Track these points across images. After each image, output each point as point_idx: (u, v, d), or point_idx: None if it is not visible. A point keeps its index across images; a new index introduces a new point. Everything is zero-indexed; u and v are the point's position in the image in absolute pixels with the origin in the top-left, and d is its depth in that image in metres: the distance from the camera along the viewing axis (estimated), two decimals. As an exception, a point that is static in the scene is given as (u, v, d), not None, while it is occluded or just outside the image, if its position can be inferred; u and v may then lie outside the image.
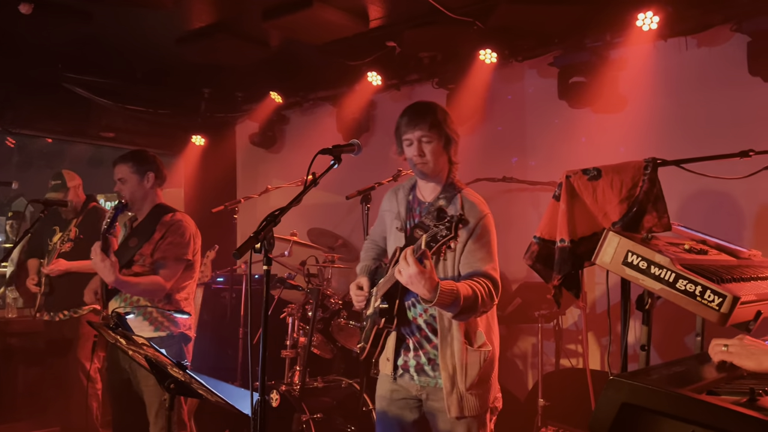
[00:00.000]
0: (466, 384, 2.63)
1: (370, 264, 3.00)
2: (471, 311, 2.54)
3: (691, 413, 1.51)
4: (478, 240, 2.64)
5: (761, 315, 2.01)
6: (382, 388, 2.86)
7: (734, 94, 4.38)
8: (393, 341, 2.78)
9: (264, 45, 5.41)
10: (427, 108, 2.77)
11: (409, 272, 2.35)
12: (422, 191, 2.84)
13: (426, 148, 2.69)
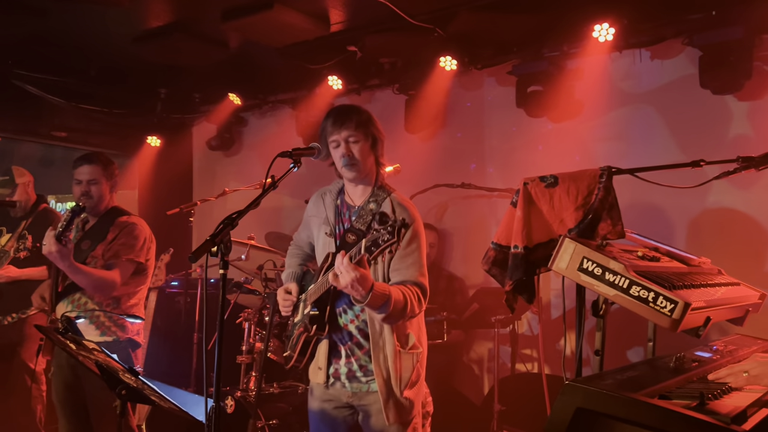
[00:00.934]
0: (401, 388, 2.61)
1: (297, 270, 2.92)
2: (399, 316, 2.53)
3: (644, 417, 1.54)
4: (408, 245, 2.60)
5: (710, 321, 2.06)
6: (315, 397, 2.80)
7: (686, 105, 4.52)
8: (325, 349, 2.72)
9: (223, 46, 5.34)
10: (351, 109, 2.74)
11: (350, 277, 2.30)
12: (351, 195, 2.79)
13: (354, 148, 2.66)
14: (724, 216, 4.35)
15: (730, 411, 1.55)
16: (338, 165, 2.73)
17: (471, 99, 5.54)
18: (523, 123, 5.17)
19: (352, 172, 2.69)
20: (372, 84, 5.65)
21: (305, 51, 5.21)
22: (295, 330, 2.78)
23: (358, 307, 2.65)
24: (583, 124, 4.92)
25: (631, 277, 1.94)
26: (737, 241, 4.27)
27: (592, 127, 4.89)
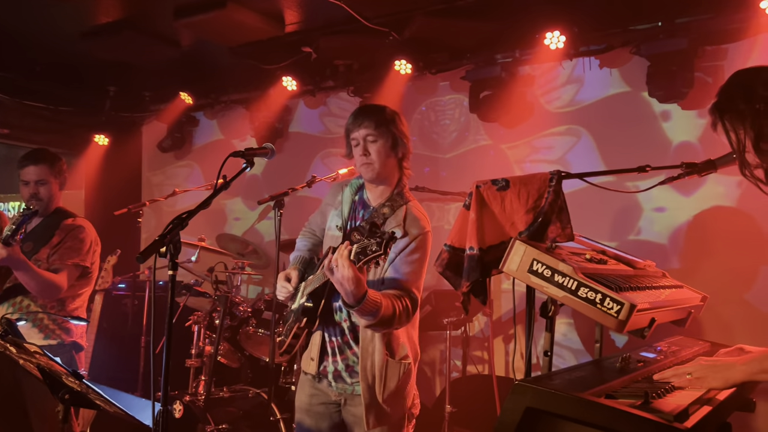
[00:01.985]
0: (384, 395, 2.60)
1: (305, 255, 2.86)
2: (385, 327, 2.51)
3: (591, 416, 1.57)
4: (410, 254, 2.59)
5: (655, 322, 2.11)
6: (303, 391, 2.78)
7: (634, 113, 4.64)
8: (318, 341, 2.71)
9: (174, 44, 5.25)
10: (374, 107, 2.71)
11: (343, 273, 2.28)
12: (370, 194, 2.75)
13: (371, 147, 2.61)
14: (669, 219, 4.49)
15: (673, 409, 1.59)
16: (357, 164, 2.68)
17: (425, 103, 5.58)
18: (475, 127, 5.24)
19: (368, 173, 2.65)
20: (327, 86, 5.64)
21: (259, 51, 5.17)
22: (291, 317, 2.75)
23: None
24: (535, 130, 5.01)
25: (579, 279, 1.98)
26: (680, 244, 4.41)
27: (543, 133, 4.99)
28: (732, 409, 2.05)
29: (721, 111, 1.88)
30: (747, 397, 2.28)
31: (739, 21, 4.05)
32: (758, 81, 1.83)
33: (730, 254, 4.23)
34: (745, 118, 1.81)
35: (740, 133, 1.83)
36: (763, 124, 1.78)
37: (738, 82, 1.89)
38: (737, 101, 1.83)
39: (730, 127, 1.85)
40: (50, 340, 3.42)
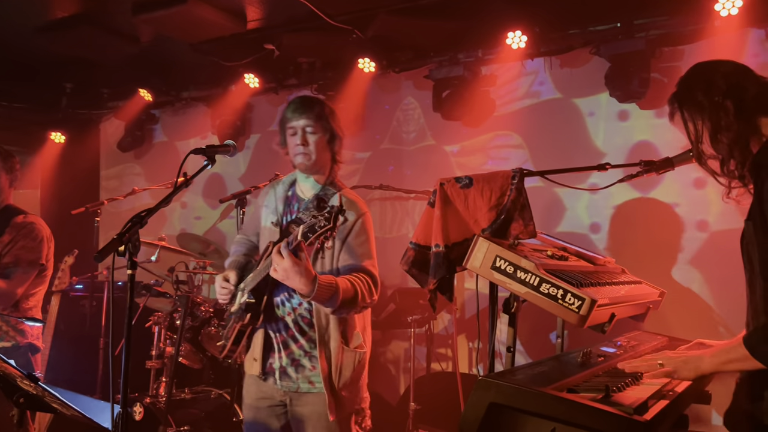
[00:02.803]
0: (339, 384, 2.61)
1: (241, 259, 2.86)
2: (351, 306, 2.52)
3: (553, 410, 1.59)
4: (357, 237, 2.63)
5: (615, 317, 2.15)
6: (249, 394, 2.77)
7: (594, 113, 4.72)
8: (260, 340, 2.70)
9: (133, 40, 5.15)
10: (314, 100, 2.74)
11: (284, 266, 2.29)
12: (302, 187, 2.77)
13: (310, 138, 2.65)
14: (627, 217, 4.57)
15: (633, 402, 1.62)
16: (292, 153, 2.69)
17: (389, 102, 5.59)
18: (439, 126, 5.26)
19: (303, 162, 2.67)
20: (290, 83, 5.60)
21: (221, 48, 5.11)
22: (231, 318, 2.73)
23: (296, 299, 2.62)
24: (497, 128, 5.06)
25: (541, 275, 2.00)
26: (638, 240, 4.49)
27: (505, 132, 5.03)
28: (689, 402, 2.10)
29: (680, 101, 1.92)
30: (703, 389, 2.34)
31: (695, 23, 4.14)
32: (717, 74, 1.87)
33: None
34: (704, 110, 1.85)
35: (698, 124, 1.87)
36: (721, 116, 1.82)
37: (698, 74, 1.92)
38: (696, 92, 1.87)
39: (688, 117, 1.89)
40: (5, 342, 3.33)
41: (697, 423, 4.11)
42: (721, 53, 4.19)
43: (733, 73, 1.87)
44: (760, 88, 1.85)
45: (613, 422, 1.52)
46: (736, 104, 1.82)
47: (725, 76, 1.86)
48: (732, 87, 1.84)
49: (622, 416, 1.52)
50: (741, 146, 1.82)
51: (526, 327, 4.71)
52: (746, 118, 1.82)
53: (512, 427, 1.65)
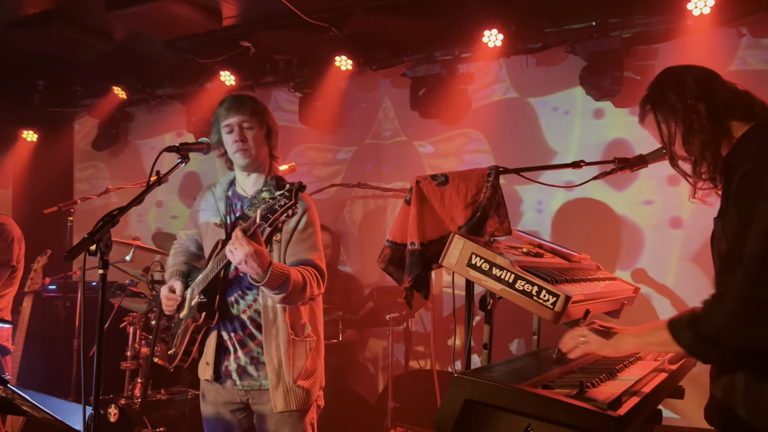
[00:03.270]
0: (293, 376, 2.57)
1: (182, 268, 2.78)
2: (299, 296, 2.49)
3: (528, 407, 1.60)
4: (304, 230, 2.61)
5: (589, 313, 2.16)
6: (207, 402, 2.71)
7: (569, 111, 4.75)
8: (213, 343, 2.63)
9: (107, 37, 5.08)
10: (246, 96, 2.70)
11: (244, 251, 2.26)
12: (242, 185, 2.72)
13: (248, 134, 2.61)
14: (602, 214, 4.61)
15: (607, 397, 1.63)
16: (230, 151, 2.65)
17: (367, 100, 5.57)
18: (416, 124, 5.26)
19: (244, 159, 2.62)
20: (267, 81, 5.56)
21: (196, 45, 5.06)
22: (182, 324, 2.65)
23: (251, 296, 2.60)
24: (474, 126, 5.07)
25: (516, 272, 2.00)
26: (612, 237, 4.53)
27: (482, 129, 5.06)
28: (662, 397, 2.13)
29: (653, 104, 1.94)
30: (677, 384, 2.37)
31: (668, 22, 4.19)
32: (689, 77, 1.90)
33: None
34: (677, 112, 1.88)
35: (671, 126, 1.89)
36: (694, 118, 1.85)
37: (670, 77, 1.95)
38: (669, 95, 1.90)
39: (662, 119, 1.92)
40: (-27, 345, 3.26)
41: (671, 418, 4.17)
42: (694, 52, 4.24)
43: (703, 77, 1.91)
44: (729, 93, 1.89)
45: (588, 417, 1.53)
46: (709, 107, 1.85)
47: (697, 80, 1.89)
48: (704, 90, 1.87)
49: (596, 411, 1.53)
50: (713, 148, 1.85)
51: (505, 325, 4.73)
52: (718, 121, 1.85)
53: (488, 424, 1.65)
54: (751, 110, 1.85)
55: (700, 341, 1.69)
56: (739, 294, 1.64)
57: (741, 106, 1.85)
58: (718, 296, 1.69)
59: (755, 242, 1.64)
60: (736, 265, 1.67)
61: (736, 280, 1.65)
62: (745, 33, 4.22)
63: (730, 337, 1.65)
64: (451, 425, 1.65)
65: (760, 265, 1.63)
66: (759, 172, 1.69)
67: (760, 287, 1.63)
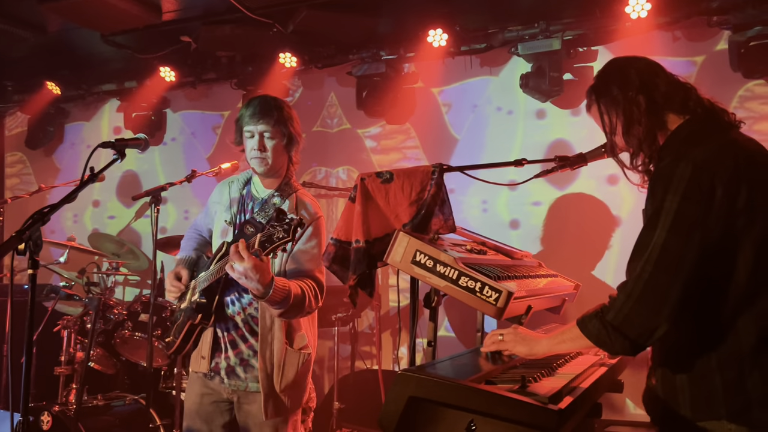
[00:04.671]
0: (281, 385, 2.59)
1: (192, 255, 2.82)
2: (298, 310, 2.51)
3: (471, 402, 1.60)
4: (308, 241, 2.62)
5: (531, 309, 2.19)
6: (192, 392, 2.73)
7: (512, 111, 4.82)
8: (209, 338, 2.66)
9: (39, 30, 4.88)
10: (274, 103, 2.67)
11: (245, 266, 2.27)
12: (257, 186, 2.75)
13: (268, 143, 2.62)
14: (543, 210, 4.69)
15: (548, 391, 1.65)
16: (248, 156, 2.66)
17: (312, 98, 5.53)
18: (362, 123, 5.25)
19: (260, 167, 2.65)
20: (209, 78, 5.44)
21: (135, 39, 4.92)
22: (181, 316, 2.69)
23: (247, 299, 2.61)
24: (419, 126, 5.09)
25: (459, 269, 2.01)
26: (556, 235, 4.62)
27: (427, 129, 5.08)
28: (603, 391, 2.17)
29: (597, 94, 1.98)
30: (616, 378, 2.42)
31: (608, 25, 4.29)
32: (632, 69, 1.94)
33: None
34: (618, 104, 1.91)
35: (613, 117, 1.93)
36: (633, 110, 1.89)
37: (614, 69, 1.99)
38: (612, 87, 1.93)
39: (604, 110, 1.95)
40: None
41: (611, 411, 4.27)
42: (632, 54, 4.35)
43: (646, 70, 1.95)
44: (670, 85, 1.93)
45: (529, 411, 1.54)
46: (648, 100, 1.89)
47: (639, 72, 1.93)
48: (644, 83, 1.91)
49: (538, 405, 1.54)
50: (650, 140, 1.89)
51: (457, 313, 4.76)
52: (655, 113, 1.89)
53: (431, 420, 1.64)
54: (686, 104, 1.90)
55: (605, 330, 1.74)
56: (640, 281, 1.70)
57: (678, 100, 1.90)
58: (622, 285, 1.74)
59: (660, 233, 1.70)
60: (640, 255, 1.73)
61: (638, 268, 1.71)
62: (680, 37, 4.36)
63: (632, 324, 1.70)
64: (394, 422, 1.63)
65: (661, 253, 1.68)
66: (674, 167, 1.74)
67: (661, 275, 1.68)
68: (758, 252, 1.71)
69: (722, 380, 1.73)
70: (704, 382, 1.75)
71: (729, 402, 1.72)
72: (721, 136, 1.85)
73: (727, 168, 1.72)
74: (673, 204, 1.70)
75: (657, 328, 1.68)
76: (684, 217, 1.69)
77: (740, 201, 1.70)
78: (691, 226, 1.68)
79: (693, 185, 1.70)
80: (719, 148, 1.78)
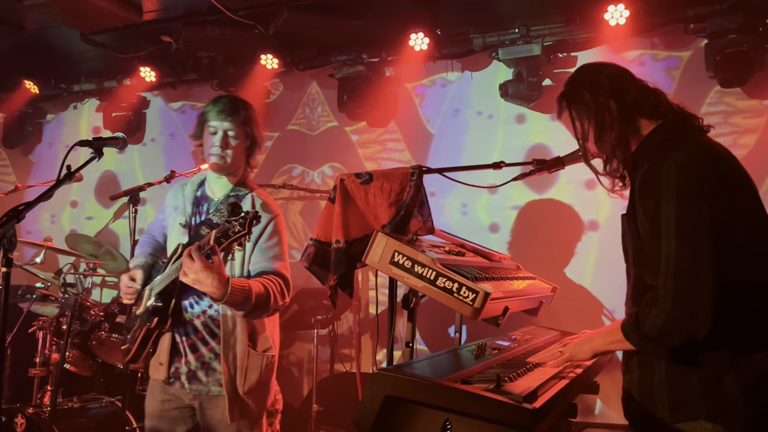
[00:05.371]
0: (245, 388, 2.54)
1: (148, 260, 2.77)
2: (263, 309, 2.47)
3: (446, 401, 1.61)
4: (269, 239, 2.58)
5: (508, 310, 2.21)
6: (153, 398, 2.66)
7: (492, 115, 4.85)
8: (167, 344, 2.60)
9: (18, 28, 4.82)
10: (242, 104, 2.65)
11: (195, 269, 2.23)
12: (212, 187, 2.70)
13: (231, 142, 2.59)
14: (525, 217, 4.73)
15: (522, 391, 1.66)
16: (206, 151, 2.61)
17: (293, 100, 5.52)
18: (344, 126, 5.25)
19: (217, 164, 2.59)
20: (189, 78, 5.41)
21: (115, 39, 4.88)
22: (137, 322, 2.62)
23: (206, 302, 2.55)
24: (401, 128, 5.11)
25: (437, 269, 2.02)
26: (534, 239, 4.65)
27: (409, 132, 5.10)
28: (578, 392, 2.19)
29: (568, 100, 1.99)
30: (592, 380, 2.44)
31: (587, 31, 4.34)
32: (602, 75, 1.96)
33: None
34: (590, 109, 1.93)
35: (584, 123, 1.95)
36: (605, 115, 1.91)
37: (584, 75, 2.01)
38: (583, 92, 1.95)
39: (576, 116, 1.97)
40: None
41: (586, 414, 4.31)
42: (610, 60, 4.40)
43: (616, 75, 1.97)
44: (640, 91, 1.96)
45: (504, 410, 1.55)
46: (619, 105, 1.91)
47: (609, 78, 1.95)
48: (615, 88, 1.93)
49: (512, 404, 1.55)
50: (623, 146, 1.92)
51: (428, 323, 4.77)
52: (627, 119, 1.92)
53: (407, 420, 1.65)
54: (657, 109, 1.93)
55: (643, 342, 1.78)
56: (667, 297, 1.70)
57: (649, 105, 1.93)
58: (651, 299, 1.74)
59: (669, 243, 1.71)
60: (655, 266, 1.74)
61: (660, 283, 1.72)
62: (657, 44, 4.43)
63: (671, 334, 1.72)
64: (370, 422, 1.64)
65: (678, 263, 1.70)
66: (658, 172, 1.76)
67: (684, 285, 1.69)
68: (733, 251, 1.74)
69: (699, 380, 1.76)
70: (682, 382, 1.78)
71: (706, 401, 1.74)
72: (694, 140, 1.88)
73: (707, 169, 1.75)
74: (670, 211, 1.72)
75: (697, 333, 1.69)
76: (686, 221, 1.71)
77: (724, 199, 1.73)
78: (696, 228, 1.70)
79: (683, 187, 1.72)
80: (695, 150, 1.81)
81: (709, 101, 4.29)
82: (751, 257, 1.77)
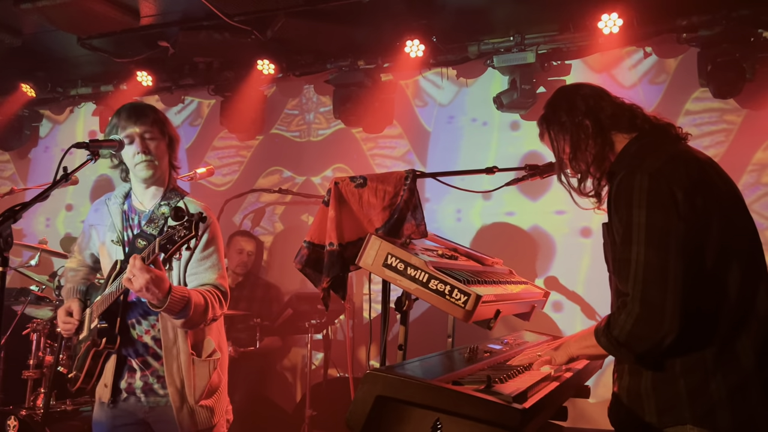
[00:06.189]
0: (195, 397, 2.50)
1: (80, 286, 2.69)
2: (200, 320, 2.43)
3: (437, 401, 1.62)
4: (205, 248, 2.52)
5: (500, 313, 2.22)
6: (100, 418, 2.58)
7: (487, 122, 4.89)
8: (112, 365, 2.53)
9: (15, 32, 4.84)
10: (146, 105, 2.60)
11: (144, 278, 2.18)
12: (140, 198, 2.61)
13: (151, 144, 2.50)
14: (517, 221, 4.76)
15: (513, 391, 1.68)
16: (131, 163, 2.52)
17: (289, 105, 5.55)
18: (340, 132, 5.28)
19: (149, 170, 2.51)
20: (186, 83, 5.44)
21: (112, 43, 4.90)
22: (82, 346, 2.54)
23: (153, 317, 2.50)
24: (395, 135, 5.13)
25: (430, 272, 2.04)
26: (527, 245, 4.68)
27: (403, 138, 5.12)
28: (569, 394, 2.21)
29: (547, 122, 2.05)
30: (582, 384, 2.46)
31: (581, 39, 4.39)
32: (578, 96, 2.02)
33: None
34: (567, 129, 1.99)
35: (561, 142, 2.00)
36: (581, 135, 1.96)
37: (561, 97, 2.07)
38: (561, 113, 2.00)
39: (554, 137, 2.03)
40: None
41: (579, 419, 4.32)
42: (603, 69, 4.46)
43: (591, 95, 2.02)
44: (616, 107, 2.01)
45: (493, 410, 1.57)
46: (594, 123, 1.97)
47: (584, 98, 2.01)
48: (590, 107, 1.99)
49: (502, 404, 1.57)
50: (599, 161, 1.97)
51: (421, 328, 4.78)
52: (603, 135, 1.97)
53: (398, 420, 1.66)
54: (633, 122, 1.97)
55: (612, 346, 1.80)
56: (635, 301, 1.74)
57: (625, 120, 1.98)
58: (621, 304, 1.78)
59: (638, 249, 1.75)
60: (625, 272, 1.77)
61: (630, 288, 1.75)
62: (650, 52, 4.47)
63: (639, 340, 1.75)
64: (362, 422, 1.65)
65: (646, 270, 1.73)
66: (631, 179, 1.79)
67: (652, 291, 1.72)
68: (715, 257, 1.77)
69: (686, 384, 1.78)
70: (669, 388, 1.80)
71: (693, 406, 1.76)
72: (671, 147, 1.92)
73: (680, 175, 1.78)
74: (641, 218, 1.75)
75: (664, 339, 1.72)
76: (655, 228, 1.74)
77: (698, 203, 1.76)
78: (665, 235, 1.73)
79: (654, 195, 1.76)
80: (670, 157, 1.85)
81: (700, 109, 4.33)
82: (731, 258, 1.79)
